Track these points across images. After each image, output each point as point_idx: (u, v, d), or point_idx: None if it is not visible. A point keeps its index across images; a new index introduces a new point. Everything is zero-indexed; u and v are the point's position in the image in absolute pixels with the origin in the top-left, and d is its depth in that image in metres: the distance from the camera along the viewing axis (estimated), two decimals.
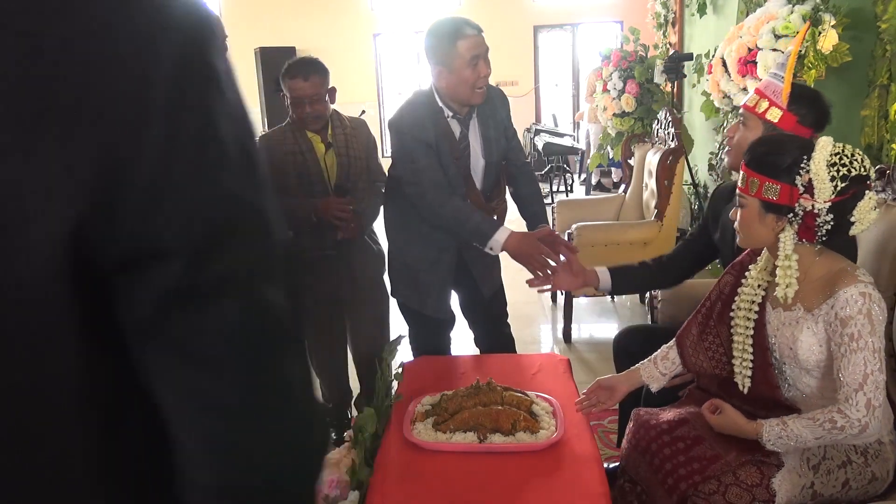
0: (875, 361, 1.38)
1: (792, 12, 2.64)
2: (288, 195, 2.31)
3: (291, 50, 8.84)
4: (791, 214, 1.46)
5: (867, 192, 1.41)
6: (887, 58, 2.31)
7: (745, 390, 1.58)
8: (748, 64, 2.79)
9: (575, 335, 3.72)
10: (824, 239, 1.46)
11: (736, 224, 1.58)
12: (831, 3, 2.57)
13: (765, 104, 1.76)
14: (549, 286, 2.15)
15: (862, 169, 1.41)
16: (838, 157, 1.41)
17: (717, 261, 2.12)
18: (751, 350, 1.57)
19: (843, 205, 1.41)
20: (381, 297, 2.60)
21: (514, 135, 2.45)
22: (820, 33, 2.50)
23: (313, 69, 2.37)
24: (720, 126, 3.91)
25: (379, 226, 2.59)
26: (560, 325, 3.75)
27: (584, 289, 2.19)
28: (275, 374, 0.53)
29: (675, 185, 3.56)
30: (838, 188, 1.40)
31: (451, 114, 2.21)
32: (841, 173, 1.40)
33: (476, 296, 2.46)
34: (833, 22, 2.48)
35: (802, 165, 1.43)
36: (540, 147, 7.73)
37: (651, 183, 3.73)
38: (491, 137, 2.30)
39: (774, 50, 2.65)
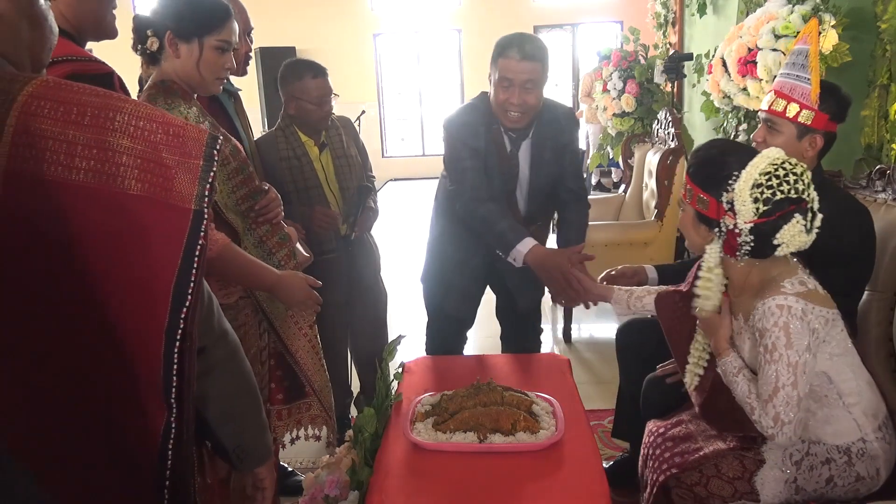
0: (788, 375, 1.32)
1: (792, 12, 2.64)
2: (283, 201, 2.28)
3: (291, 50, 8.84)
4: (717, 229, 1.44)
5: (796, 215, 1.34)
6: (887, 58, 2.31)
7: (692, 387, 1.59)
8: (748, 64, 2.79)
9: (575, 335, 3.72)
10: (746, 257, 1.41)
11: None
12: (831, 3, 2.57)
13: (795, 107, 1.71)
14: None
15: (792, 192, 1.33)
16: (767, 177, 1.33)
17: None
18: (707, 356, 1.57)
19: (767, 227, 1.35)
20: (380, 296, 2.60)
21: (572, 160, 2.30)
22: (820, 33, 2.50)
23: (323, 68, 2.36)
24: (720, 126, 3.91)
25: (378, 226, 2.59)
26: (560, 325, 3.75)
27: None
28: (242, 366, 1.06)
29: (675, 185, 3.56)
30: (760, 211, 1.34)
31: (503, 127, 2.14)
32: (765, 196, 1.33)
33: (510, 304, 2.43)
34: (833, 22, 2.48)
35: (731, 182, 1.38)
36: None
37: (651, 183, 3.73)
38: (544, 160, 2.18)
39: (774, 50, 2.65)
